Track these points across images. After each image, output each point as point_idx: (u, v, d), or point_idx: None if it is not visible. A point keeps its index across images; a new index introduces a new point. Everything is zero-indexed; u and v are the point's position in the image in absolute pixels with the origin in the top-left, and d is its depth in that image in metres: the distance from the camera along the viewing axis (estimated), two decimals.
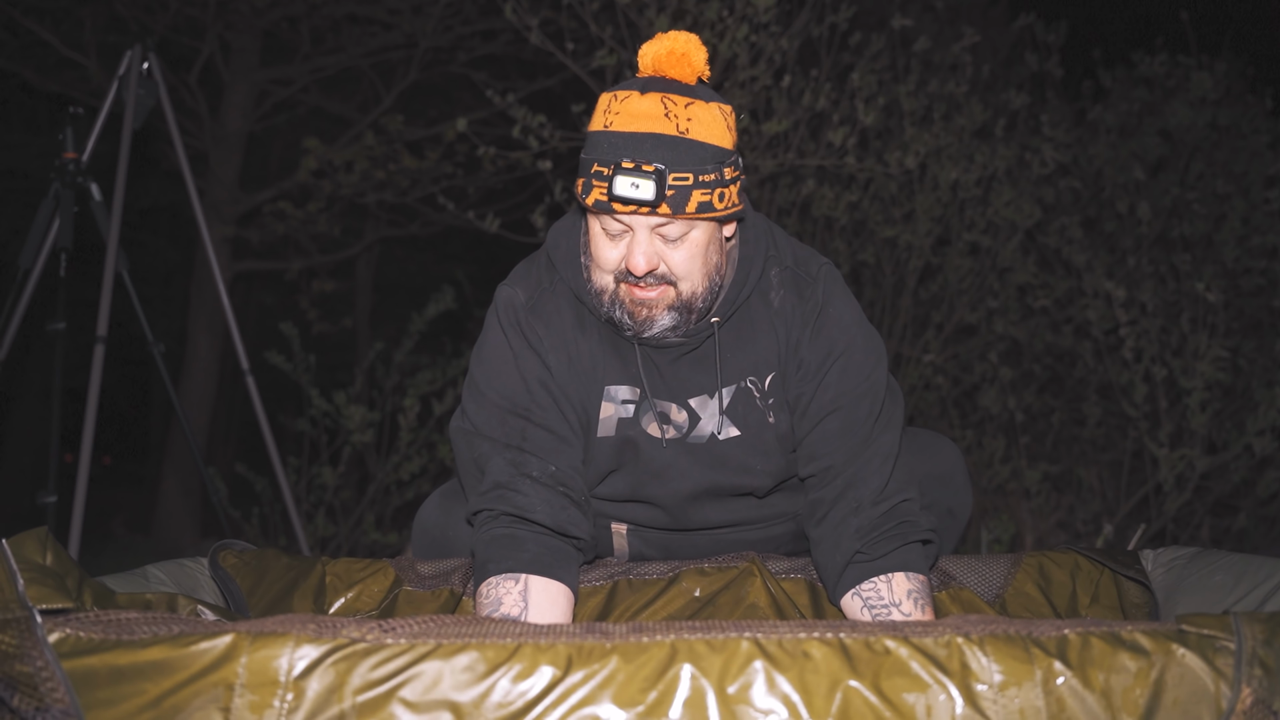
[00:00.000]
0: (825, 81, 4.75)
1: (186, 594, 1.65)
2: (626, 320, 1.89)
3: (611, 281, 1.88)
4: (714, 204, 1.80)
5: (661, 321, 1.88)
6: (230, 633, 1.09)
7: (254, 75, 7.56)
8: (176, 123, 4.23)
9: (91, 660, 1.08)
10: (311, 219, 7.78)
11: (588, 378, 1.99)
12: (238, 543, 2.11)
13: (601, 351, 2.00)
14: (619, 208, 1.77)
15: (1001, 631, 1.12)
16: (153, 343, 3.92)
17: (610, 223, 1.83)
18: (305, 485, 5.91)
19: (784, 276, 2.03)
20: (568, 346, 1.99)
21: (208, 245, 4.34)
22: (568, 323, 2.00)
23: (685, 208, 1.77)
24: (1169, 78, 5.44)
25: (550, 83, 7.27)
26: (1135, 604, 2.00)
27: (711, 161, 1.79)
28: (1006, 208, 5.05)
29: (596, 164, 1.79)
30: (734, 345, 2.00)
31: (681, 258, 1.83)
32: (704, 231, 1.85)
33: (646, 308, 1.87)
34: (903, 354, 5.26)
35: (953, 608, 2.02)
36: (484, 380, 1.99)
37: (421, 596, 2.08)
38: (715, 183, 1.80)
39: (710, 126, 1.81)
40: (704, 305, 1.91)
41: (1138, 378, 4.55)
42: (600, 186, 1.78)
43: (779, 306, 2.01)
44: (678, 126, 1.78)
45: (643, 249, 1.80)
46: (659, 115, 1.78)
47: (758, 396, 2.01)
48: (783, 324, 2.01)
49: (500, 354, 1.99)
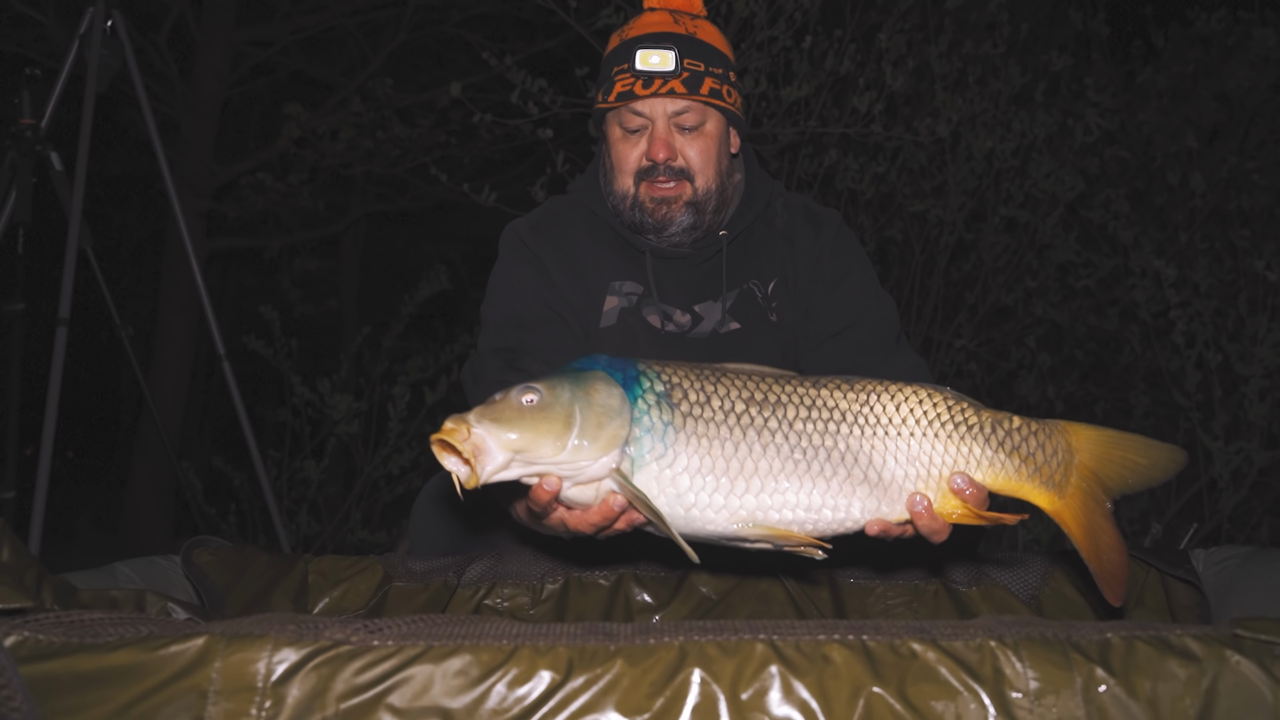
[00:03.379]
0: (850, 42, 4.73)
1: (158, 592, 1.65)
2: (647, 220, 2.21)
3: (632, 184, 2.21)
4: (723, 95, 2.18)
5: (680, 220, 2.21)
6: (203, 634, 1.09)
7: (229, 35, 7.56)
8: (144, 86, 4.23)
9: (52, 665, 1.08)
10: (293, 192, 7.78)
11: (593, 277, 2.30)
12: (214, 539, 2.12)
13: (610, 254, 2.31)
14: (640, 91, 2.13)
15: (1038, 634, 1.12)
16: (120, 326, 3.92)
17: (631, 118, 2.18)
18: (287, 480, 5.92)
19: (792, 209, 2.39)
20: (573, 251, 2.30)
21: (180, 220, 4.34)
22: (578, 231, 2.32)
23: (699, 89, 2.14)
24: (1228, 35, 5.40)
25: (552, 44, 7.26)
26: (1185, 606, 2.00)
27: (719, 61, 2.19)
28: (1046, 180, 5.03)
29: (616, 65, 2.19)
30: (740, 257, 2.33)
31: (697, 150, 2.18)
32: (716, 126, 2.21)
33: (666, 205, 2.20)
34: (933, 338, 5.25)
35: (985, 607, 2.02)
36: (486, 309, 2.30)
37: (414, 592, 2.09)
38: (723, 78, 2.19)
39: (715, 37, 2.23)
40: (715, 208, 2.24)
41: (1190, 364, 4.54)
42: (623, 78, 2.15)
43: (785, 228, 2.35)
44: (686, 29, 2.20)
45: (663, 136, 2.16)
46: (669, 22, 2.21)
47: (760, 297, 2.32)
48: (791, 244, 2.34)
49: (498, 279, 2.31)
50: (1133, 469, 1.66)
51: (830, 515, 1.57)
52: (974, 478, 1.61)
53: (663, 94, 2.14)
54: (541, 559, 2.15)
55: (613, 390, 1.53)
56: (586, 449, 1.49)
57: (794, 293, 2.33)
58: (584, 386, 1.52)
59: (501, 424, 1.47)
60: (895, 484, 1.59)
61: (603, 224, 2.33)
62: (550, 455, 1.48)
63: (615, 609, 2.07)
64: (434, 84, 7.80)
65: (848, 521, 1.59)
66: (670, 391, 1.55)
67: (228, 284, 11.51)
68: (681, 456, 1.52)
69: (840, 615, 2.03)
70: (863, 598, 2.07)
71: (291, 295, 9.27)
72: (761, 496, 1.54)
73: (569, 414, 1.49)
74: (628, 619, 2.08)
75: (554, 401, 1.49)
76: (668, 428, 1.53)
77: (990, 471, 1.63)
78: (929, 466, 1.61)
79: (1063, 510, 1.65)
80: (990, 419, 1.64)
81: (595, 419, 1.49)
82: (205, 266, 6.76)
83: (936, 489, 1.61)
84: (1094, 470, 1.66)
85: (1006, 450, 1.63)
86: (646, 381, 1.56)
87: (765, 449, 1.54)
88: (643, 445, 1.52)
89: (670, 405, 1.54)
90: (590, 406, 1.50)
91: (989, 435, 1.63)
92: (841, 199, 5.12)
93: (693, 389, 1.56)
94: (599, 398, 1.52)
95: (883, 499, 1.59)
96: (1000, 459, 1.63)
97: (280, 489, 5.82)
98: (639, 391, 1.55)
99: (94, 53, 3.85)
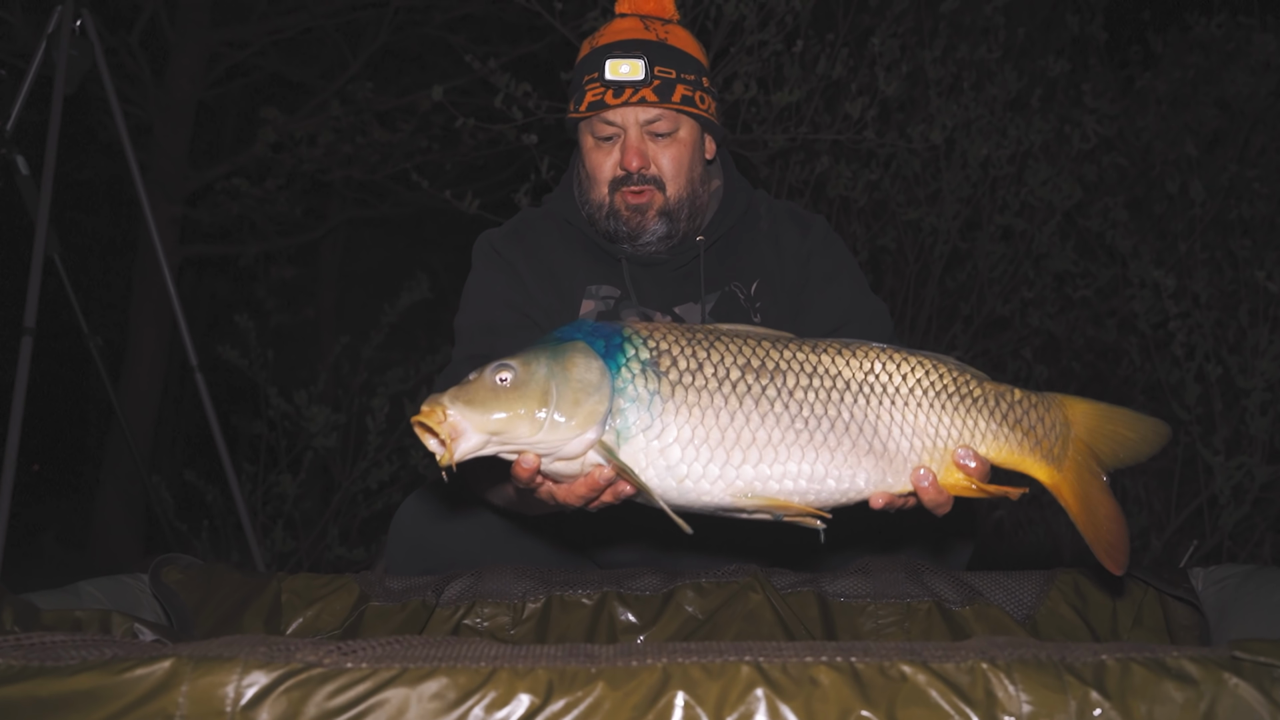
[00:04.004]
0: (842, 46, 4.75)
1: (123, 612, 1.64)
2: (621, 229, 2.26)
3: (606, 193, 2.25)
4: (696, 102, 2.22)
5: (654, 229, 2.26)
6: (170, 657, 1.08)
7: (204, 36, 7.56)
8: (115, 88, 4.22)
9: (11, 690, 1.07)
10: (269, 198, 7.77)
11: (567, 282, 2.34)
12: (184, 557, 2.11)
13: (584, 260, 2.35)
14: (611, 100, 2.16)
15: (1032, 656, 1.12)
16: (89, 335, 3.91)
17: (603, 127, 2.21)
18: (261, 495, 5.90)
19: (777, 212, 2.42)
20: (546, 257, 2.35)
21: (152, 226, 4.33)
22: (551, 238, 2.37)
23: (671, 97, 2.17)
24: (1228, 41, 5.43)
25: (536, 47, 7.27)
26: (1183, 627, 2.00)
27: (691, 67, 2.22)
28: (1043, 187, 5.06)
29: (587, 74, 2.20)
30: (719, 260, 2.36)
31: (670, 157, 2.23)
32: (689, 133, 2.25)
33: (639, 213, 2.24)
34: (927, 349, 5.26)
35: (978, 627, 2.02)
36: (459, 318, 2.35)
37: (391, 611, 2.09)
38: (695, 84, 2.22)
39: (687, 42, 2.26)
40: (689, 215, 2.28)
41: (1190, 377, 4.56)
42: (593, 88, 2.18)
43: (770, 230, 2.37)
44: (657, 35, 2.22)
45: (635, 145, 2.20)
46: (639, 29, 2.23)
47: (742, 298, 2.34)
48: (777, 245, 2.36)
49: (470, 289, 2.36)
50: (1123, 443, 1.71)
51: (835, 485, 1.59)
52: (978, 451, 1.63)
53: (633, 103, 2.17)
54: (523, 577, 2.15)
55: (591, 362, 1.53)
56: (563, 426, 1.49)
57: (780, 293, 2.36)
58: (561, 360, 1.52)
59: (475, 405, 1.48)
60: (900, 455, 1.61)
61: (577, 232, 2.37)
62: (527, 435, 1.49)
63: (598, 629, 2.07)
64: (415, 87, 7.81)
65: (851, 492, 1.61)
66: (658, 359, 1.55)
67: (201, 292, 11.49)
68: (671, 427, 1.52)
69: (830, 635, 2.03)
70: (853, 617, 2.07)
71: (267, 304, 9.25)
72: (760, 467, 1.54)
73: (544, 390, 1.49)
74: (611, 639, 2.07)
75: (529, 378, 1.50)
76: (654, 397, 1.53)
77: (994, 445, 1.66)
78: (934, 439, 1.63)
79: (1061, 483, 1.69)
80: (994, 391, 1.67)
81: (572, 394, 1.50)
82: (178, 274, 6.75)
83: (941, 461, 1.63)
84: (1088, 443, 1.70)
85: (1010, 424, 1.66)
86: (631, 349, 1.55)
87: (764, 418, 1.55)
88: (628, 417, 1.52)
89: (657, 374, 1.54)
90: (567, 381, 1.50)
91: (993, 408, 1.66)
92: (834, 207, 5.14)
93: (683, 355, 1.56)
94: (576, 371, 1.51)
95: (888, 470, 1.61)
96: (1004, 432, 1.66)
97: (255, 504, 5.79)
98: (622, 360, 1.54)
99: (62, 52, 3.83)
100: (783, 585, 2.09)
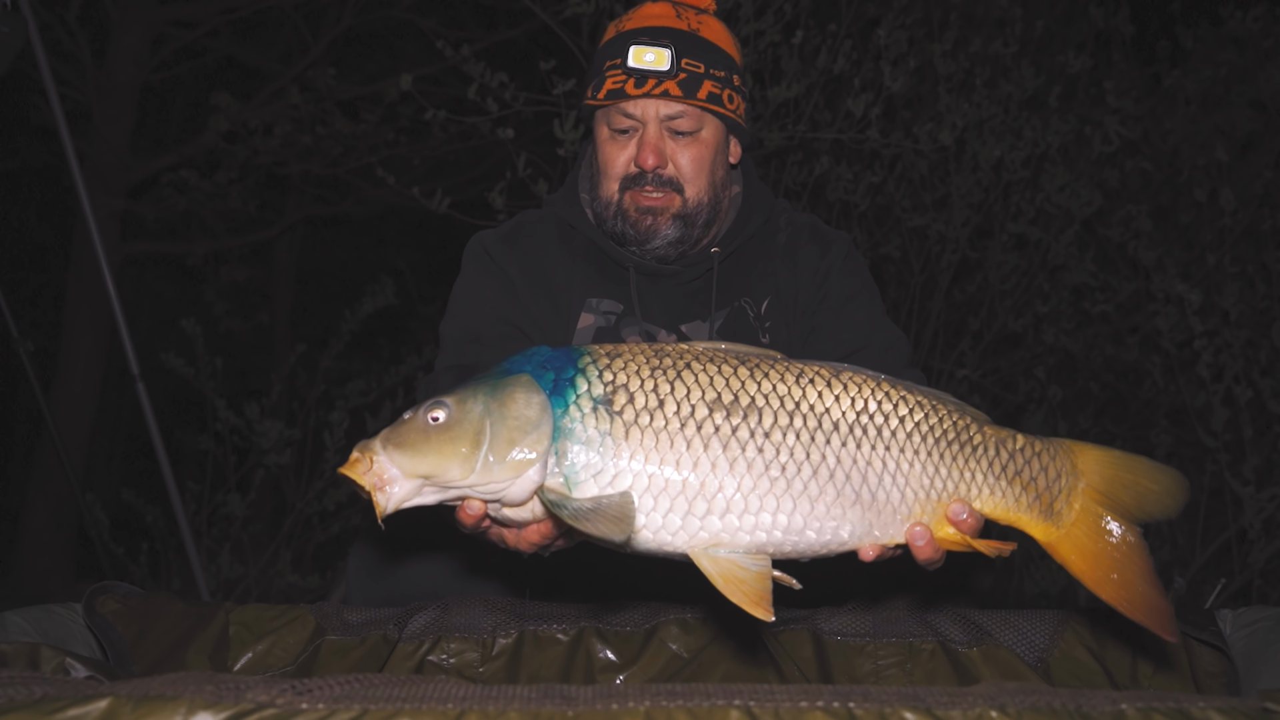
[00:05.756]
0: (845, 38, 4.77)
1: (53, 645, 1.63)
2: (630, 231, 2.26)
3: (618, 190, 2.25)
4: (724, 101, 2.21)
5: (665, 233, 2.25)
6: (107, 696, 1.08)
7: (150, 14, 7.53)
8: (51, 69, 4.20)
9: None
10: (221, 192, 7.74)
11: (565, 293, 2.34)
12: (122, 585, 2.10)
13: (586, 268, 2.35)
14: (632, 90, 2.15)
15: (1045, 704, 1.12)
16: (18, 340, 3.89)
17: (620, 119, 2.21)
18: (207, 517, 5.88)
19: (796, 226, 2.41)
20: (543, 264, 2.34)
21: (90, 221, 4.31)
22: (550, 242, 2.36)
23: (697, 93, 2.16)
24: (1265, 36, 5.46)
25: (513, 33, 7.27)
26: (1210, 674, 2.01)
27: (723, 63, 2.20)
28: (1060, 193, 5.09)
29: (608, 59, 2.20)
30: (732, 274, 2.36)
31: (690, 158, 2.22)
32: (714, 133, 2.24)
33: (652, 215, 2.24)
34: (933, 367, 5.28)
35: (986, 671, 2.03)
36: (444, 324, 2.35)
37: (349, 646, 2.08)
38: (725, 81, 2.21)
39: (721, 36, 2.25)
40: (706, 222, 2.28)
41: (1217, 400, 4.57)
42: (614, 74, 2.17)
43: (787, 244, 2.37)
44: (689, 25, 2.21)
45: (653, 142, 2.19)
46: (671, 16, 2.22)
47: (752, 316, 2.36)
48: (793, 261, 2.36)
49: (458, 294, 2.37)
50: (1147, 494, 1.66)
51: (815, 538, 1.56)
52: (973, 505, 1.62)
53: (655, 95, 2.17)
54: (493, 610, 2.14)
55: (532, 398, 1.51)
56: (498, 468, 1.48)
57: (791, 312, 2.38)
58: (499, 396, 1.51)
59: (404, 449, 1.48)
60: (890, 506, 1.58)
61: (580, 238, 2.37)
62: (460, 478, 1.49)
63: (575, 668, 2.06)
64: (382, 75, 7.80)
65: (833, 544, 1.58)
66: (612, 395, 1.52)
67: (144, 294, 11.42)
68: (625, 473, 1.50)
69: (826, 677, 2.03)
70: (851, 657, 2.08)
71: (217, 308, 9.21)
72: (729, 517, 1.51)
73: (478, 430, 1.48)
74: (588, 679, 2.07)
75: (462, 418, 1.49)
76: (605, 438, 1.50)
77: (990, 500, 1.64)
78: (929, 490, 1.60)
79: (1061, 541, 1.66)
80: (994, 438, 1.65)
81: (507, 434, 1.48)
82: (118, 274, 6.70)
83: (934, 514, 1.61)
84: (1106, 494, 1.66)
85: (1008, 477, 1.64)
86: (584, 383, 1.52)
87: (733, 463, 1.51)
88: (576, 460, 1.49)
89: (610, 412, 1.51)
90: (503, 420, 1.49)
91: (992, 458, 1.64)
92: (834, 211, 5.15)
93: (642, 390, 1.53)
94: (514, 408, 1.50)
95: (875, 522, 1.58)
96: (1001, 486, 1.64)
97: (200, 526, 5.77)
98: (572, 397, 1.51)
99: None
100: (775, 622, 2.10)
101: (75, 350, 7.51)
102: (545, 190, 4.57)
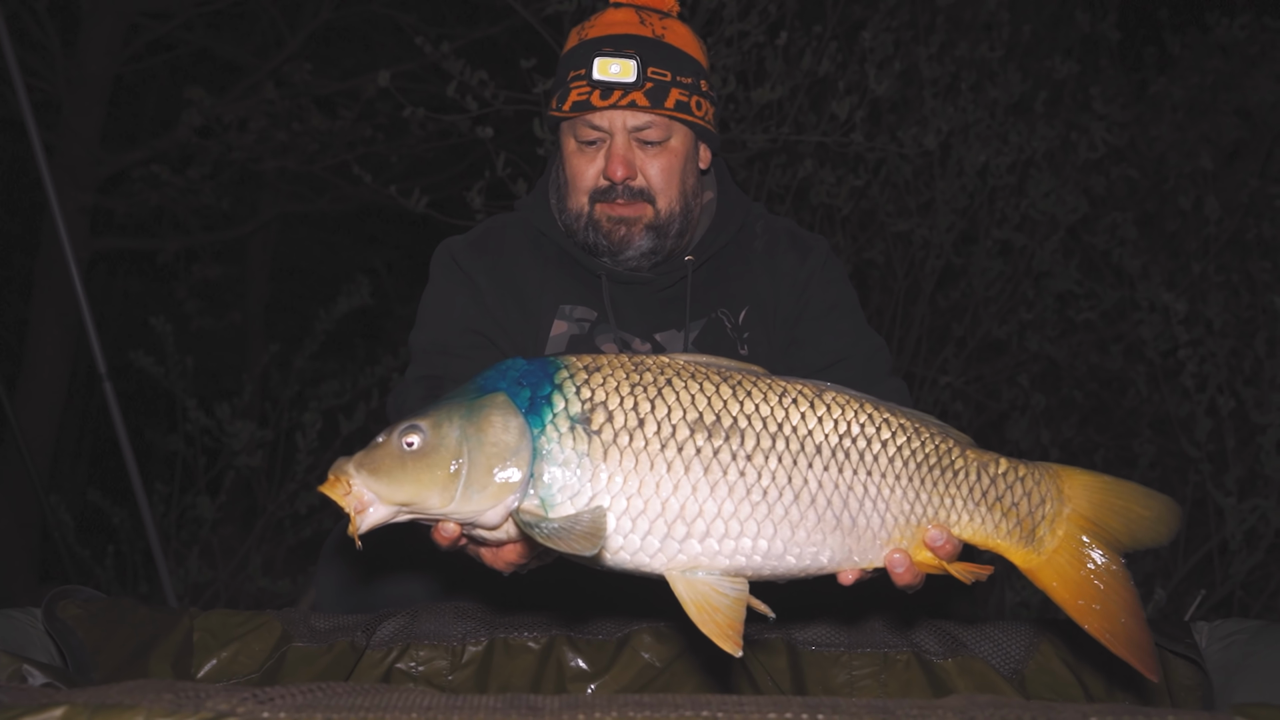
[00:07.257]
0: (830, 40, 4.78)
1: (10, 652, 1.62)
2: (602, 242, 2.25)
3: (587, 203, 2.25)
4: (691, 109, 2.20)
5: (639, 244, 2.25)
6: (63, 704, 1.07)
7: (122, 4, 7.49)
8: (18, 59, 4.17)
9: None
10: (193, 188, 7.70)
11: (536, 300, 2.33)
12: (84, 589, 2.08)
13: (558, 276, 2.34)
14: (598, 102, 2.14)
15: (1015, 717, 1.13)
16: None
17: (587, 130, 2.20)
18: (175, 519, 5.85)
19: (774, 231, 2.41)
20: (513, 271, 2.33)
21: (58, 216, 4.29)
22: (521, 248, 2.36)
23: (664, 102, 2.16)
24: (1252, 44, 5.48)
25: (494, 30, 7.27)
26: (1185, 687, 2.02)
27: (689, 69, 2.20)
28: (1046, 199, 5.10)
29: (573, 70, 2.18)
30: (708, 283, 2.35)
31: (659, 168, 2.22)
32: (682, 141, 2.24)
33: (625, 225, 2.24)
34: (915, 374, 5.29)
35: (961, 682, 2.04)
36: (413, 334, 2.35)
37: (315, 654, 2.08)
38: (692, 88, 2.20)
39: (686, 40, 2.24)
40: (679, 231, 2.28)
41: (1201, 410, 4.59)
42: (579, 86, 2.15)
43: (765, 251, 2.36)
44: (654, 31, 2.20)
45: (621, 153, 2.18)
46: (634, 22, 2.21)
47: (729, 327, 2.35)
48: (772, 269, 2.36)
49: (426, 303, 2.36)
50: (1138, 520, 1.66)
51: (794, 563, 1.57)
52: (951, 531, 1.62)
53: (622, 106, 2.16)
54: (463, 617, 2.14)
55: (510, 421, 1.49)
56: (476, 498, 1.48)
57: (771, 323, 2.37)
58: (475, 419, 1.49)
59: (380, 476, 1.48)
60: (870, 532, 1.59)
61: (551, 244, 2.36)
62: (438, 506, 1.48)
63: (545, 677, 2.07)
64: (359, 71, 7.78)
65: (812, 569, 1.59)
66: (590, 413, 1.51)
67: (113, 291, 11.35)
68: (603, 494, 1.49)
69: (800, 687, 2.04)
70: (825, 668, 2.09)
71: (188, 306, 9.16)
72: (708, 541, 1.51)
73: (455, 456, 1.47)
74: (559, 689, 2.07)
75: (438, 443, 1.48)
76: (583, 459, 1.49)
77: (969, 526, 1.64)
78: (909, 515, 1.61)
79: (1042, 567, 1.66)
80: (976, 462, 1.65)
81: (486, 460, 1.47)
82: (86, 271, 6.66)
83: (912, 540, 1.62)
84: (1093, 521, 1.66)
85: (989, 503, 1.64)
86: (560, 400, 1.51)
87: (714, 487, 1.51)
88: (552, 482, 1.48)
89: (587, 432, 1.50)
90: (481, 445, 1.48)
91: (973, 484, 1.64)
92: (816, 215, 5.16)
93: (621, 409, 1.52)
94: (492, 433, 1.48)
95: (855, 547, 1.59)
96: (981, 512, 1.64)
97: (168, 529, 5.75)
98: (549, 415, 1.50)
99: None
100: (749, 631, 2.10)
101: (41, 348, 7.46)
102: (525, 190, 4.56)
